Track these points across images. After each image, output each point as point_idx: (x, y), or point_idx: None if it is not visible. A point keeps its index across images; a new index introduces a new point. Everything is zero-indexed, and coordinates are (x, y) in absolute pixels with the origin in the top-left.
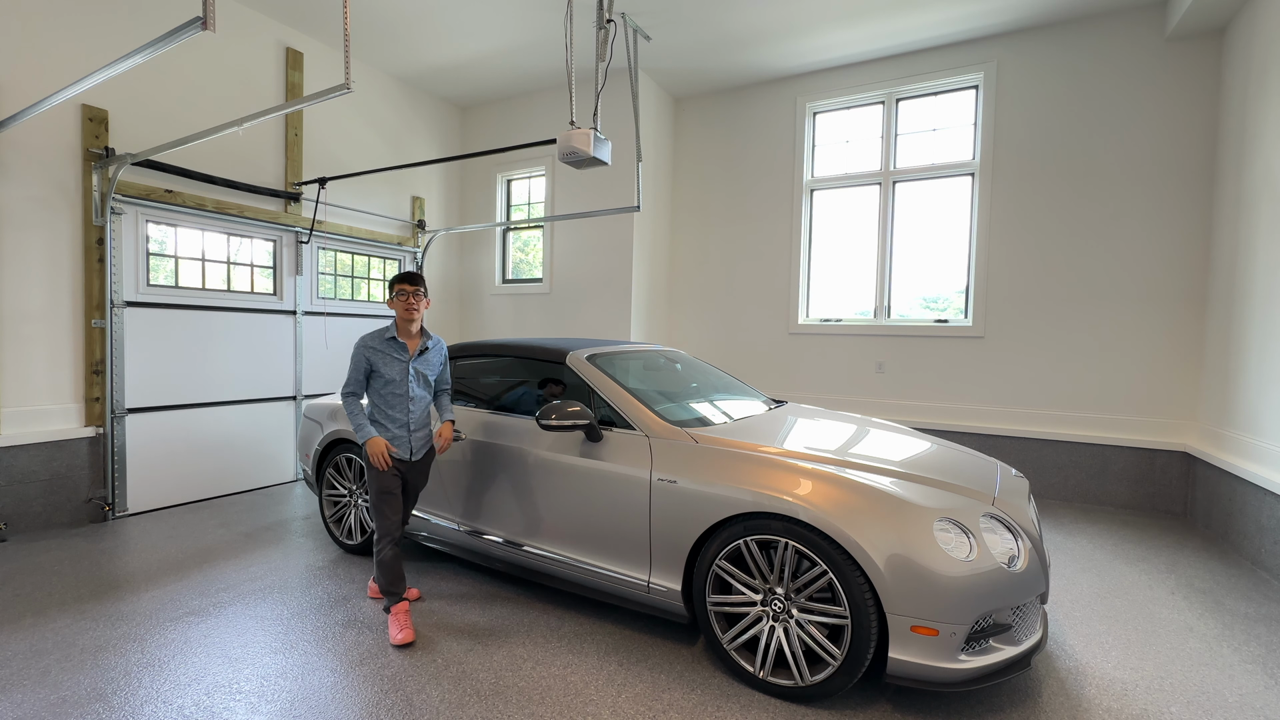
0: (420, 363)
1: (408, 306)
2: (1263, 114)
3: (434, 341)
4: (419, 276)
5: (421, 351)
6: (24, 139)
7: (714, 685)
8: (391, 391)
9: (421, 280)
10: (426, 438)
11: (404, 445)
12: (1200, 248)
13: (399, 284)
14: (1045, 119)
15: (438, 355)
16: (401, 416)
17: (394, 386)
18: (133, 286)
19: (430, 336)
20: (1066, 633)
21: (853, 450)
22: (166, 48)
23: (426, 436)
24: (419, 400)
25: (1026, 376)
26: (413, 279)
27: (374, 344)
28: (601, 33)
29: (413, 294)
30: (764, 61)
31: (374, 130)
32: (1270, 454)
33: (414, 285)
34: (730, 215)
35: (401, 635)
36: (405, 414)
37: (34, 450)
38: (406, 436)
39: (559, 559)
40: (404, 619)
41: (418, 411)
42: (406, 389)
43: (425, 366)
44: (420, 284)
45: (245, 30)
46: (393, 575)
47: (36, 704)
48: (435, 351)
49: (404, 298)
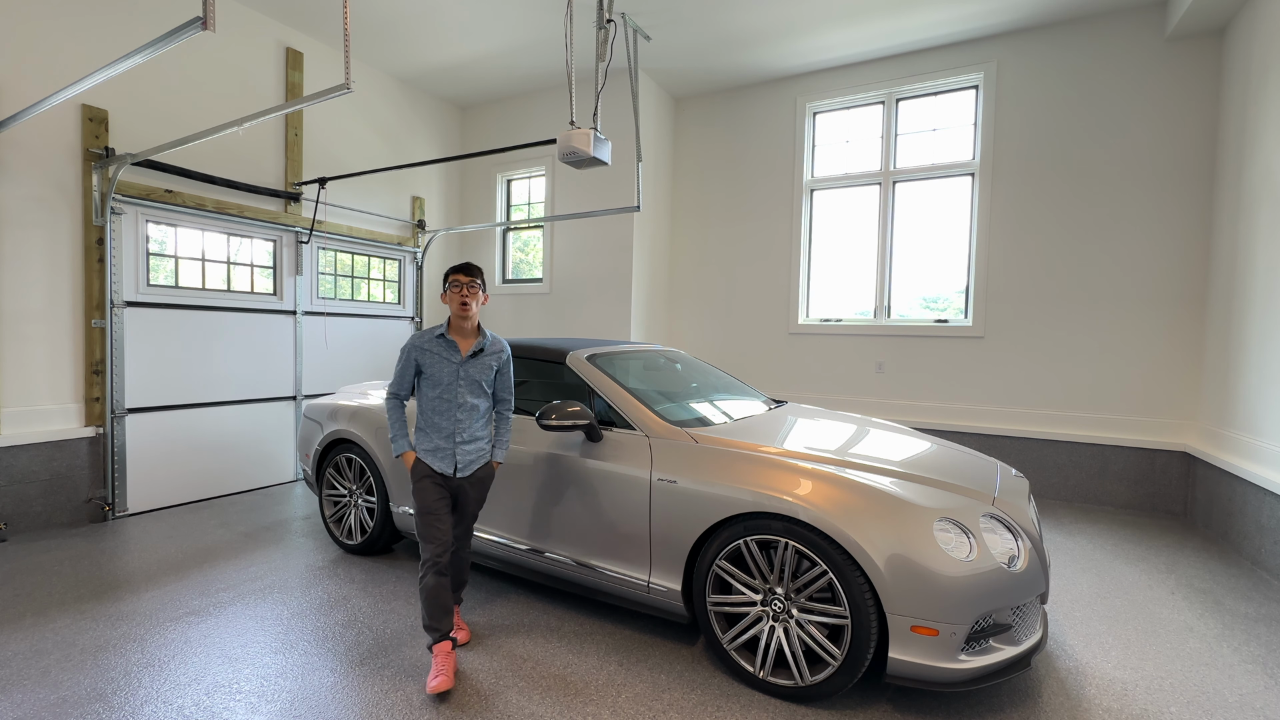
0: (473, 366)
1: (462, 300)
2: (1263, 114)
3: (491, 341)
4: (477, 268)
5: (475, 353)
6: (24, 139)
7: (714, 685)
8: (439, 397)
9: (479, 272)
10: (479, 454)
11: (447, 459)
12: (1200, 248)
13: (454, 274)
14: (1045, 119)
15: (495, 358)
16: (447, 426)
17: (442, 391)
18: (133, 286)
19: (487, 336)
20: (1066, 633)
21: (853, 450)
22: (166, 48)
23: (479, 452)
24: (470, 409)
25: (1026, 376)
26: (469, 270)
27: (423, 342)
28: (601, 33)
29: (468, 286)
30: (764, 61)
31: (374, 130)
32: (1270, 454)
33: (470, 276)
34: (730, 215)
35: (435, 682)
36: (452, 423)
37: (34, 450)
38: (451, 449)
39: (558, 559)
40: (443, 661)
41: (468, 422)
42: (455, 395)
43: (479, 370)
44: (478, 275)
45: (245, 30)
46: (434, 607)
47: (36, 704)
48: (492, 354)
49: (458, 290)
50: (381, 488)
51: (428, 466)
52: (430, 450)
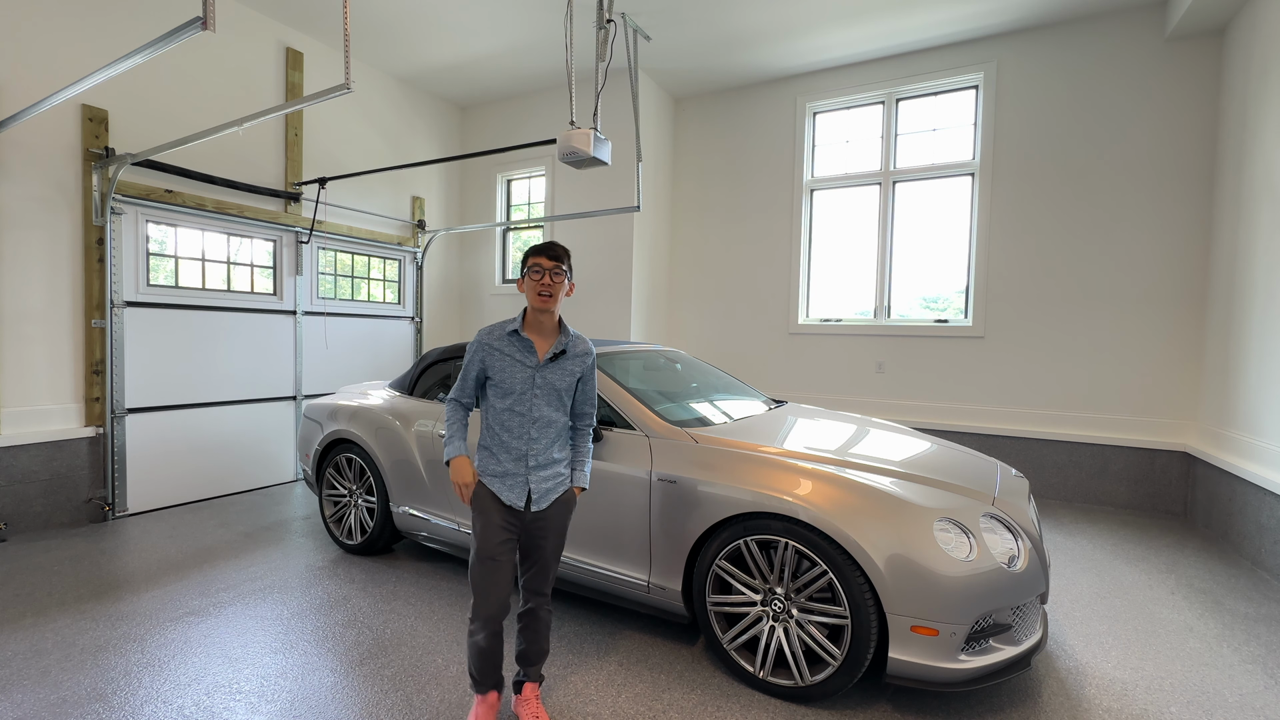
0: (553, 371)
1: (543, 288)
2: (1263, 114)
3: (573, 340)
4: (563, 249)
5: (556, 355)
6: (24, 139)
7: (714, 685)
8: (510, 409)
9: (566, 254)
10: (557, 480)
11: (518, 488)
12: (1200, 247)
13: (534, 256)
14: (1045, 119)
15: (579, 362)
16: (519, 446)
17: (514, 402)
18: (133, 286)
19: (570, 334)
20: (1066, 633)
21: (853, 450)
22: (166, 48)
23: (557, 479)
24: (546, 425)
25: (1026, 376)
26: (554, 251)
27: (493, 340)
28: (601, 33)
29: (551, 271)
30: (764, 61)
31: (374, 130)
32: (1270, 454)
33: (555, 260)
34: (730, 215)
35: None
36: (525, 442)
37: (34, 450)
38: (523, 476)
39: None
40: (481, 712)
41: (544, 441)
42: (530, 407)
43: (560, 376)
44: (564, 259)
45: (245, 30)
46: (483, 662)
47: (36, 704)
48: (576, 357)
49: (539, 276)
50: (381, 488)
51: (493, 496)
52: (497, 475)
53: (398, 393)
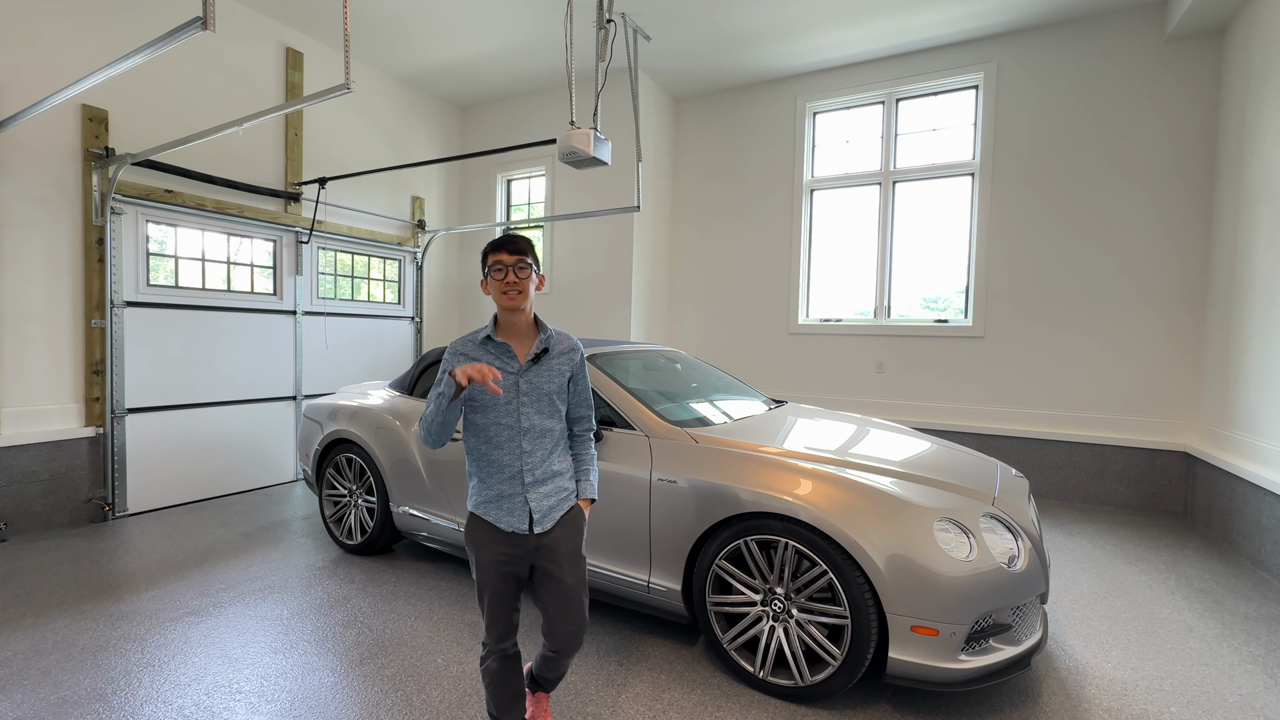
0: (538, 374)
1: (508, 287)
2: (1263, 114)
3: (555, 338)
4: (524, 239)
5: (538, 356)
6: (24, 139)
7: (714, 685)
8: (495, 423)
9: (529, 246)
10: (560, 495)
11: (516, 510)
12: (1200, 247)
13: (494, 253)
14: (1045, 119)
15: (565, 360)
16: (512, 462)
17: (498, 415)
18: (133, 286)
19: (550, 332)
20: (1066, 633)
21: (853, 450)
22: (166, 48)
23: (560, 493)
24: (539, 434)
25: (1026, 376)
26: (514, 244)
27: (467, 351)
28: (601, 33)
29: (515, 267)
30: (764, 61)
31: (374, 130)
32: (1270, 454)
33: (517, 254)
34: (730, 215)
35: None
36: (517, 456)
37: (34, 450)
38: (520, 495)
39: None
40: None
41: (540, 453)
42: (518, 417)
43: (547, 379)
44: (527, 252)
45: (245, 30)
46: (499, 692)
47: (36, 704)
48: (562, 354)
49: (501, 274)
50: (381, 487)
51: (489, 527)
52: (492, 501)
53: (398, 393)
